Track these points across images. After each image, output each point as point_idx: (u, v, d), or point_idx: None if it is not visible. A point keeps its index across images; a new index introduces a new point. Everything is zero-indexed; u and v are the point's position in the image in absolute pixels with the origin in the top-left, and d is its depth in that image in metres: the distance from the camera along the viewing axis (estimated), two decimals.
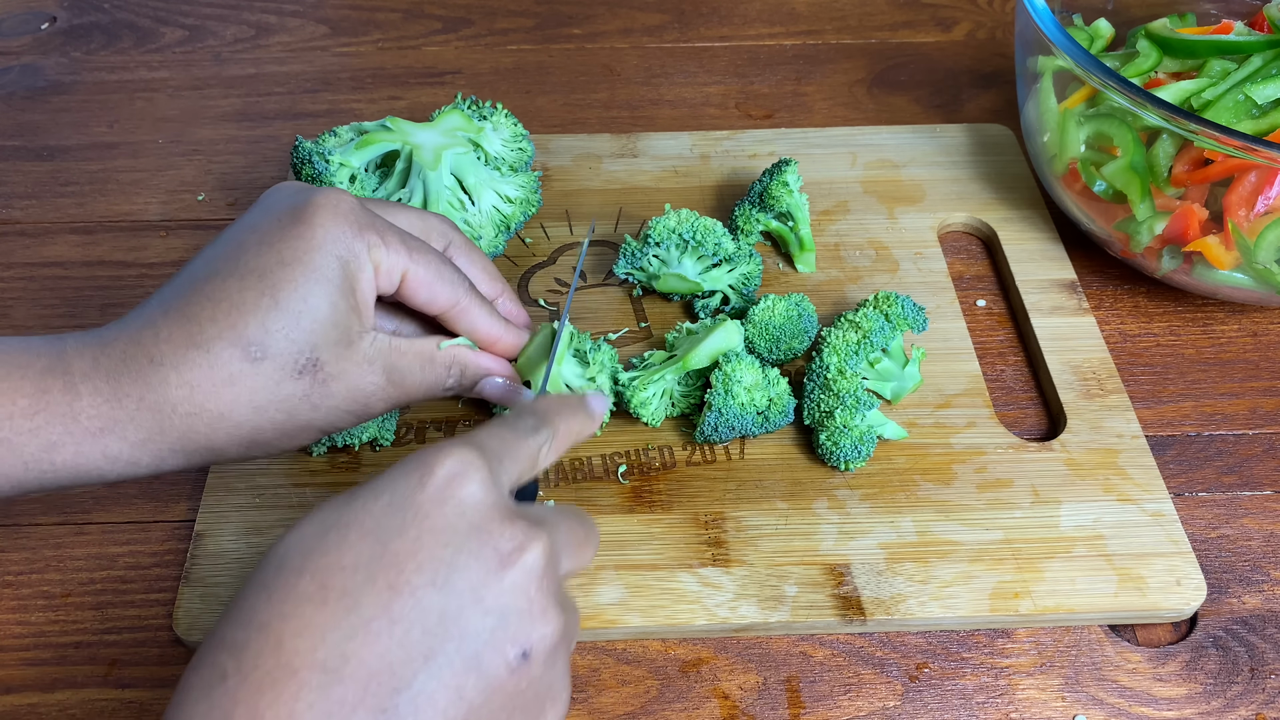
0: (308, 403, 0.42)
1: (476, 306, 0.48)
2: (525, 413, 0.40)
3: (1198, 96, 0.61)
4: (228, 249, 0.42)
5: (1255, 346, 0.62)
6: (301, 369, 0.41)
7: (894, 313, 0.56)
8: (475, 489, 0.34)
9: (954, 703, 0.47)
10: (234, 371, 0.40)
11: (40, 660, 0.48)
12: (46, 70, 0.82)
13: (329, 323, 0.41)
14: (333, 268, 0.42)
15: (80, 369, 0.39)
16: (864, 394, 0.53)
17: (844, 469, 0.54)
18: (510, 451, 0.37)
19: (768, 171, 0.64)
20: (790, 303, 0.57)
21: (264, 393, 0.41)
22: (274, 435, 0.42)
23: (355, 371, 0.43)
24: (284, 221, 0.42)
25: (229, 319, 0.40)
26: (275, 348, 0.40)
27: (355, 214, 0.43)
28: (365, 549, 0.33)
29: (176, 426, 0.40)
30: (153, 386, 0.39)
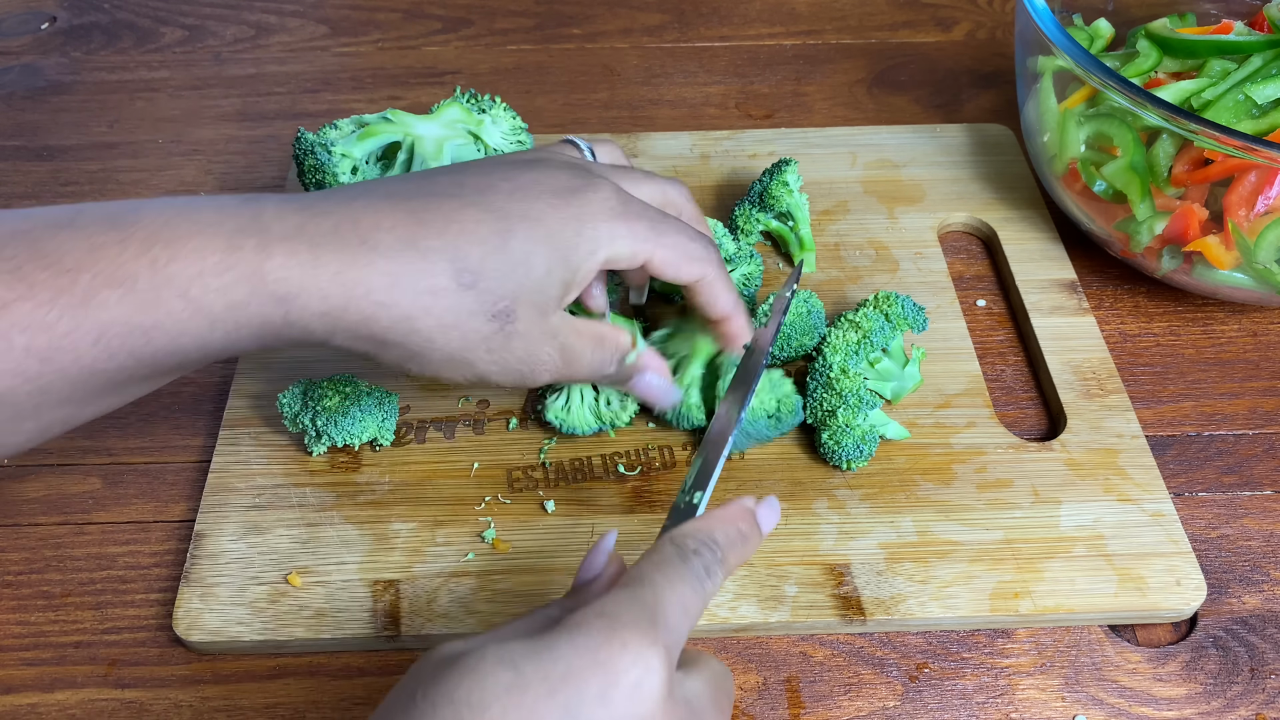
0: (486, 345, 0.42)
1: (721, 282, 0.48)
2: (702, 544, 0.37)
3: (1198, 96, 0.61)
4: (479, 180, 0.43)
5: (1255, 346, 0.62)
6: (496, 314, 0.41)
7: (894, 313, 0.56)
8: (655, 707, 0.32)
9: (954, 703, 0.47)
10: (440, 285, 0.40)
11: (40, 660, 0.48)
12: (46, 70, 0.82)
13: (538, 285, 0.42)
14: (569, 242, 0.42)
15: (279, 231, 0.39)
16: (867, 393, 0.53)
17: (846, 468, 0.54)
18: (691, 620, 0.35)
19: (768, 171, 0.64)
20: (798, 300, 0.57)
21: (454, 317, 0.41)
22: (440, 358, 0.42)
23: (539, 338, 0.43)
24: (545, 189, 0.43)
25: (456, 240, 0.40)
26: (484, 283, 0.41)
27: (613, 203, 0.44)
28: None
29: (362, 310, 0.40)
30: (357, 264, 0.39)
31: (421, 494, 0.53)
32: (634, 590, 0.34)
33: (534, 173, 0.44)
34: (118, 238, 0.37)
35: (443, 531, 0.52)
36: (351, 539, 0.51)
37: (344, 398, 0.52)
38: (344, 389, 0.53)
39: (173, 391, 0.59)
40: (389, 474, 0.54)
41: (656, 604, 0.34)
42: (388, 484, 0.54)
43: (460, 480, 0.54)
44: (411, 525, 0.52)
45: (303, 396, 0.53)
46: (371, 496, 0.53)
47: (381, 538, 0.51)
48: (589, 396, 0.54)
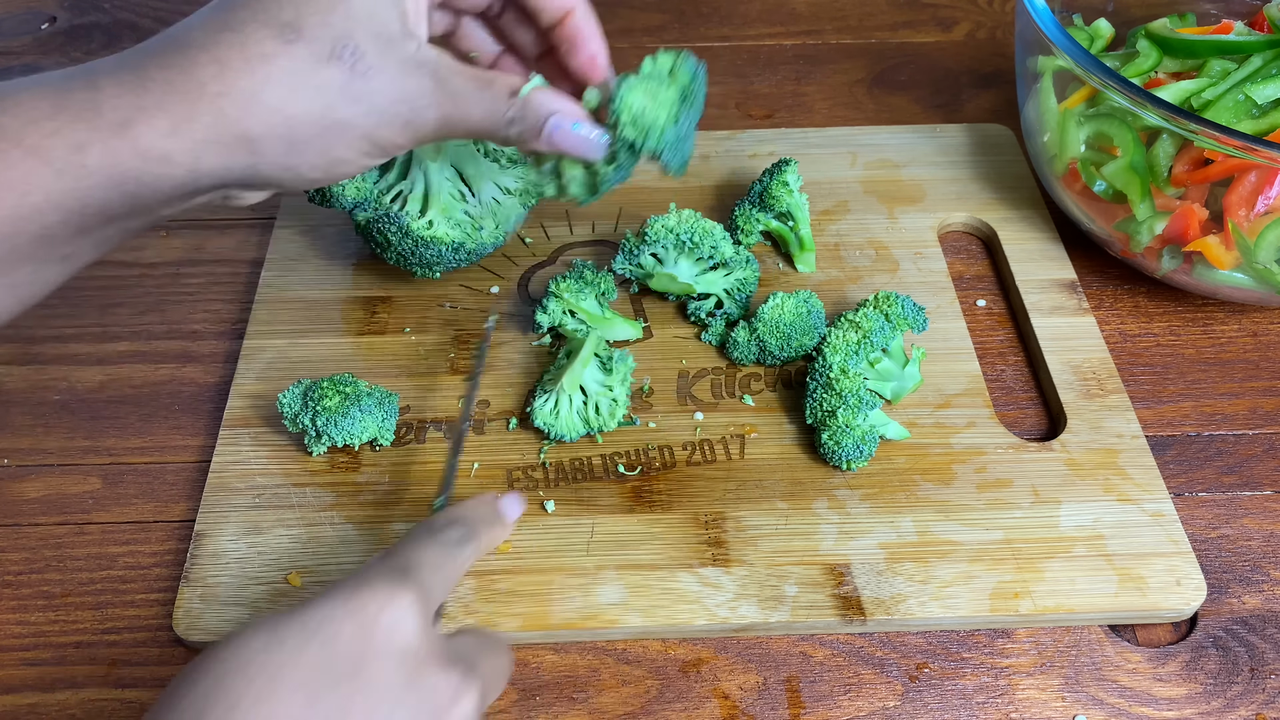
0: (347, 95, 0.39)
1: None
2: (453, 521, 0.41)
3: (1198, 96, 0.61)
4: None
5: (1255, 346, 0.62)
6: (337, 54, 0.39)
7: (894, 313, 0.56)
8: (411, 637, 0.35)
9: (954, 703, 0.47)
10: (266, 50, 0.38)
11: (40, 660, 0.48)
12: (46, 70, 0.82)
13: (366, 14, 0.39)
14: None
15: (104, 67, 0.38)
16: (867, 394, 0.53)
17: (846, 468, 0.54)
18: (442, 577, 0.38)
19: (768, 171, 0.64)
20: (799, 300, 0.57)
21: (297, 75, 0.38)
22: (312, 130, 0.39)
23: (399, 71, 0.40)
24: None
25: (262, 3, 0.38)
26: (309, 31, 0.38)
27: None
28: (295, 704, 0.32)
29: (206, 110, 0.38)
30: (179, 68, 0.38)
31: (421, 494, 0.53)
32: (384, 559, 0.38)
33: None
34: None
35: None
36: (351, 539, 0.51)
37: (344, 398, 0.52)
38: (344, 389, 0.53)
39: (173, 392, 0.59)
40: (389, 474, 0.54)
41: (405, 562, 0.37)
42: (387, 484, 0.54)
43: (460, 480, 0.54)
44: (411, 525, 0.52)
45: (303, 397, 0.53)
46: (371, 496, 0.53)
47: (381, 538, 0.51)
48: (577, 401, 0.55)
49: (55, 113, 0.37)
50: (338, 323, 0.61)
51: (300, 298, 0.63)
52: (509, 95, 0.42)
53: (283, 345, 0.60)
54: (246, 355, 0.59)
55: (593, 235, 0.67)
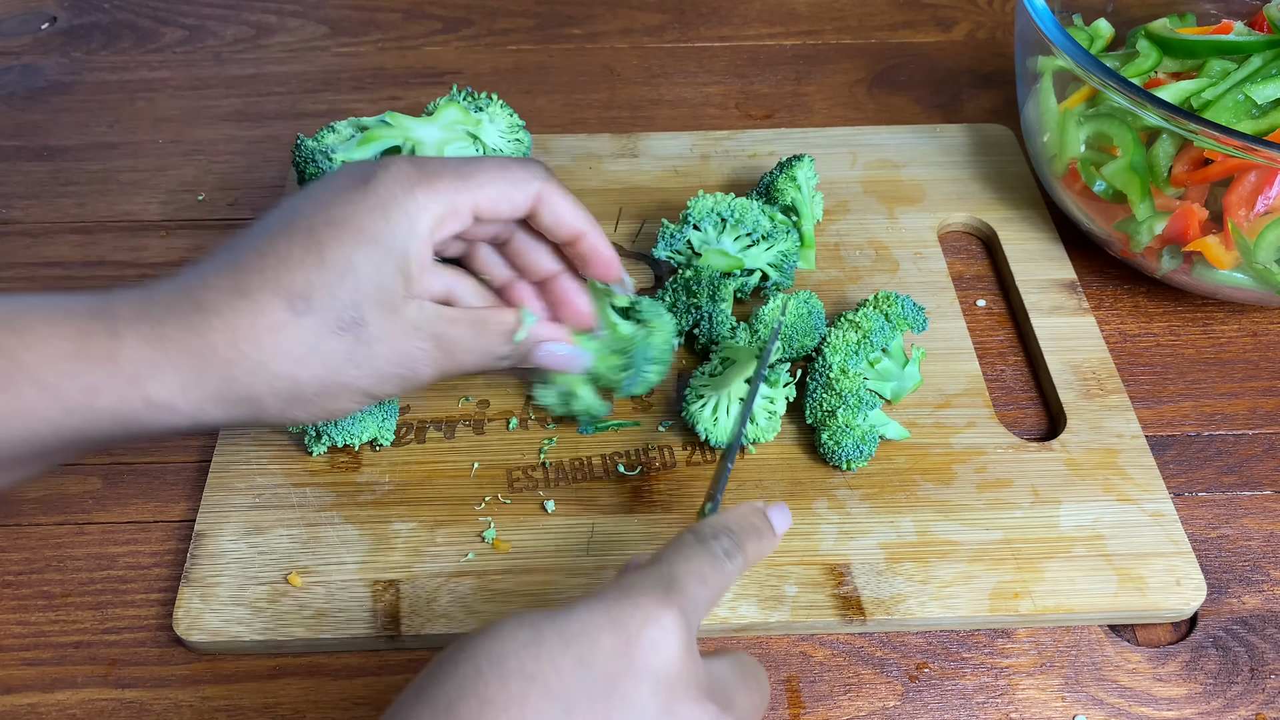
0: (351, 361, 0.41)
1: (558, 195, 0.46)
2: (719, 531, 0.38)
3: (1198, 96, 0.61)
4: (283, 212, 0.42)
5: (1255, 346, 0.62)
6: (344, 326, 0.41)
7: (894, 313, 0.56)
8: (671, 660, 0.33)
9: (954, 703, 0.47)
10: (277, 320, 0.40)
11: (40, 660, 0.48)
12: (46, 70, 0.82)
13: (372, 284, 0.41)
14: (380, 230, 0.41)
15: (124, 314, 0.40)
16: (866, 393, 0.53)
17: (846, 468, 0.54)
18: (708, 591, 0.36)
19: (780, 165, 0.64)
20: (799, 300, 0.57)
21: (305, 345, 0.40)
22: (315, 391, 0.41)
23: (400, 336, 0.42)
24: (342, 187, 0.42)
25: (274, 271, 0.40)
26: (318, 302, 0.40)
27: (408, 173, 0.42)
28: (548, 713, 0.31)
29: (217, 372, 0.40)
30: (195, 330, 0.39)
31: (421, 494, 0.53)
32: (649, 568, 0.36)
33: (329, 181, 0.43)
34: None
35: (443, 531, 0.52)
36: (351, 539, 0.51)
37: None
38: None
39: None
40: (389, 474, 0.54)
41: (671, 575, 0.35)
42: (388, 484, 0.54)
43: (460, 480, 0.54)
44: (411, 525, 0.52)
45: None
46: (371, 496, 0.53)
47: (381, 538, 0.51)
48: (735, 409, 0.53)
49: (74, 356, 0.39)
50: None
51: None
52: (501, 337, 0.45)
53: None
54: None
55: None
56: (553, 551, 0.51)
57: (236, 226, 0.69)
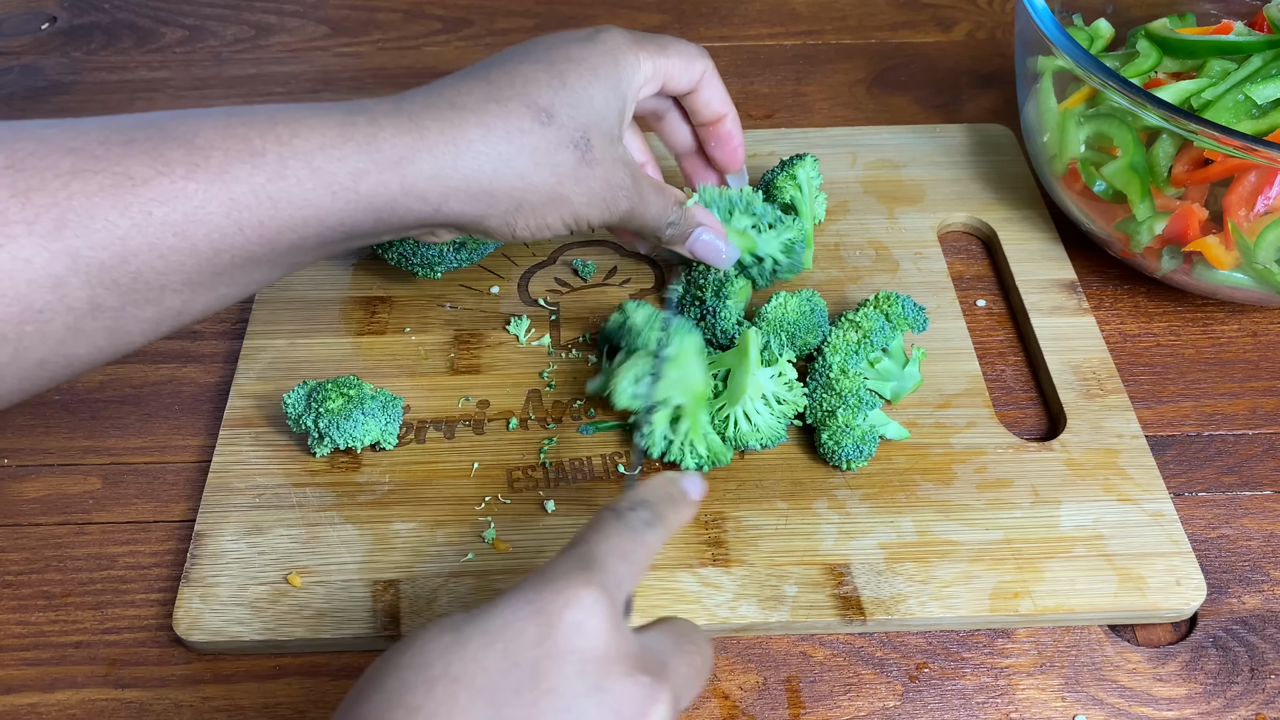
0: (575, 175, 0.47)
1: (718, 79, 0.55)
2: (636, 504, 0.39)
3: (1198, 96, 0.61)
4: (519, 50, 0.48)
5: (1255, 346, 0.62)
6: (576, 142, 0.46)
7: (894, 313, 0.56)
8: (596, 639, 0.33)
9: (954, 703, 0.47)
10: (525, 126, 0.45)
11: (40, 660, 0.48)
12: (46, 70, 0.82)
13: (601, 114, 0.47)
14: (610, 72, 0.48)
15: (382, 110, 0.44)
16: (866, 393, 0.53)
17: (846, 468, 0.54)
18: (630, 565, 0.37)
19: (783, 162, 0.64)
20: (801, 298, 0.57)
21: (544, 151, 0.45)
22: (540, 198, 0.46)
23: (613, 163, 0.48)
24: (571, 40, 0.49)
25: (526, 88, 0.46)
26: (560, 118, 0.46)
27: (628, 37, 0.51)
28: (477, 712, 0.31)
29: (468, 164, 0.44)
30: (454, 124, 0.44)
31: (421, 494, 0.53)
32: (568, 550, 0.37)
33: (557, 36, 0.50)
34: (243, 120, 0.41)
35: (443, 531, 0.52)
36: (351, 539, 0.51)
37: (347, 400, 0.52)
38: (348, 392, 0.53)
39: (173, 392, 0.59)
40: (389, 474, 0.54)
41: (590, 554, 0.36)
42: (388, 484, 0.54)
43: (460, 480, 0.54)
44: (411, 525, 0.52)
45: (307, 398, 0.53)
46: (371, 497, 0.53)
47: (381, 538, 0.51)
48: (759, 404, 0.54)
49: (341, 141, 0.42)
50: (338, 323, 0.61)
51: (300, 297, 0.63)
52: (675, 203, 0.53)
53: (283, 345, 0.60)
54: (247, 355, 0.59)
55: (593, 235, 0.67)
56: (553, 551, 0.51)
57: None
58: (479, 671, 0.32)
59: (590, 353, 0.60)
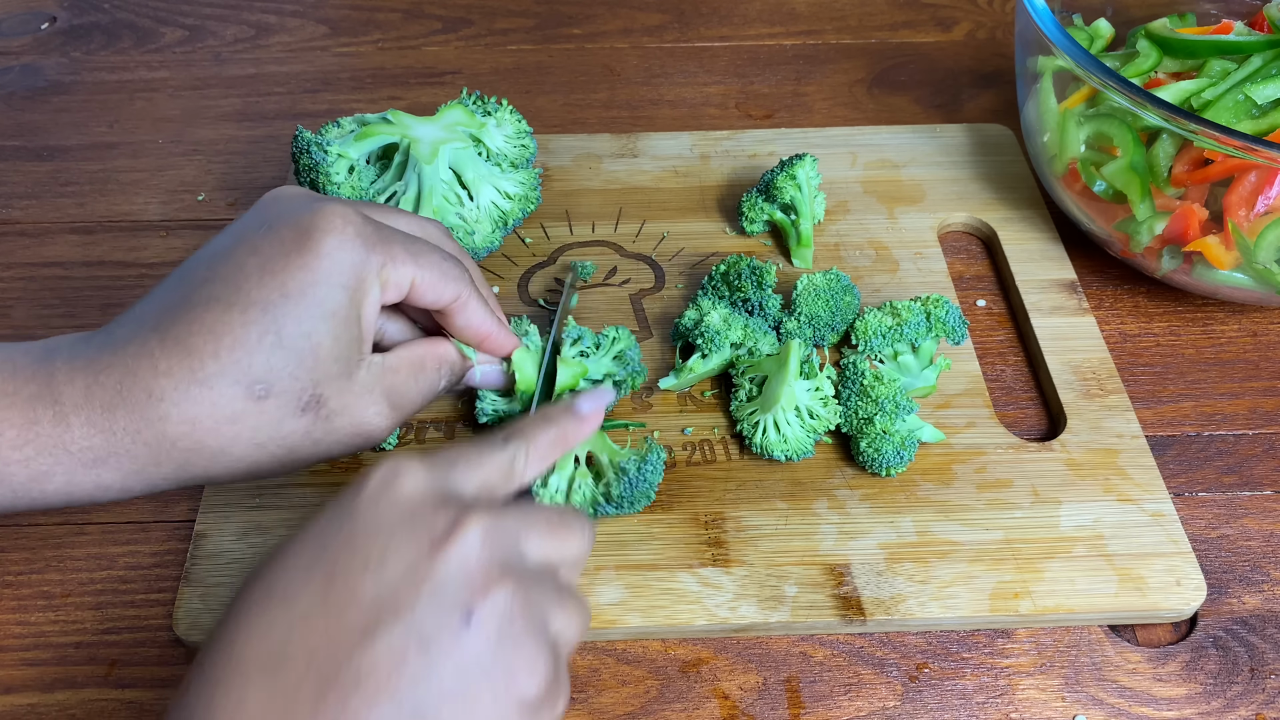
0: (309, 439, 0.41)
1: (476, 301, 0.47)
2: (497, 432, 0.41)
3: (1198, 96, 0.61)
4: (227, 270, 0.40)
5: (1255, 346, 0.62)
6: (305, 406, 0.40)
7: (936, 314, 0.55)
8: (408, 483, 0.36)
9: (954, 703, 0.47)
10: (237, 410, 0.39)
11: (40, 660, 0.48)
12: (46, 70, 0.82)
13: (331, 357, 0.41)
14: (338, 299, 0.41)
15: (71, 399, 0.38)
16: (903, 398, 0.53)
17: (885, 475, 0.53)
18: (466, 459, 0.38)
19: (782, 163, 0.64)
20: (823, 274, 0.58)
21: (266, 430, 0.40)
22: (271, 467, 0.42)
23: (357, 403, 0.42)
24: (287, 246, 0.40)
25: (232, 355, 0.39)
26: (279, 386, 0.40)
27: (361, 235, 0.41)
28: (306, 553, 0.34)
29: (174, 459, 0.39)
30: (150, 422, 0.38)
31: None
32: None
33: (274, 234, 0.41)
34: None
35: None
36: None
37: None
38: None
39: None
40: None
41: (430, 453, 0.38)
42: None
43: None
44: None
45: None
46: None
47: None
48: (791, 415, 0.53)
49: (22, 442, 0.38)
50: None
51: None
52: (439, 372, 0.47)
53: None
54: None
55: (592, 235, 0.67)
56: None
57: None
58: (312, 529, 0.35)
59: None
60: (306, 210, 0.41)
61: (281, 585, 0.34)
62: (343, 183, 0.59)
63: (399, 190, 0.61)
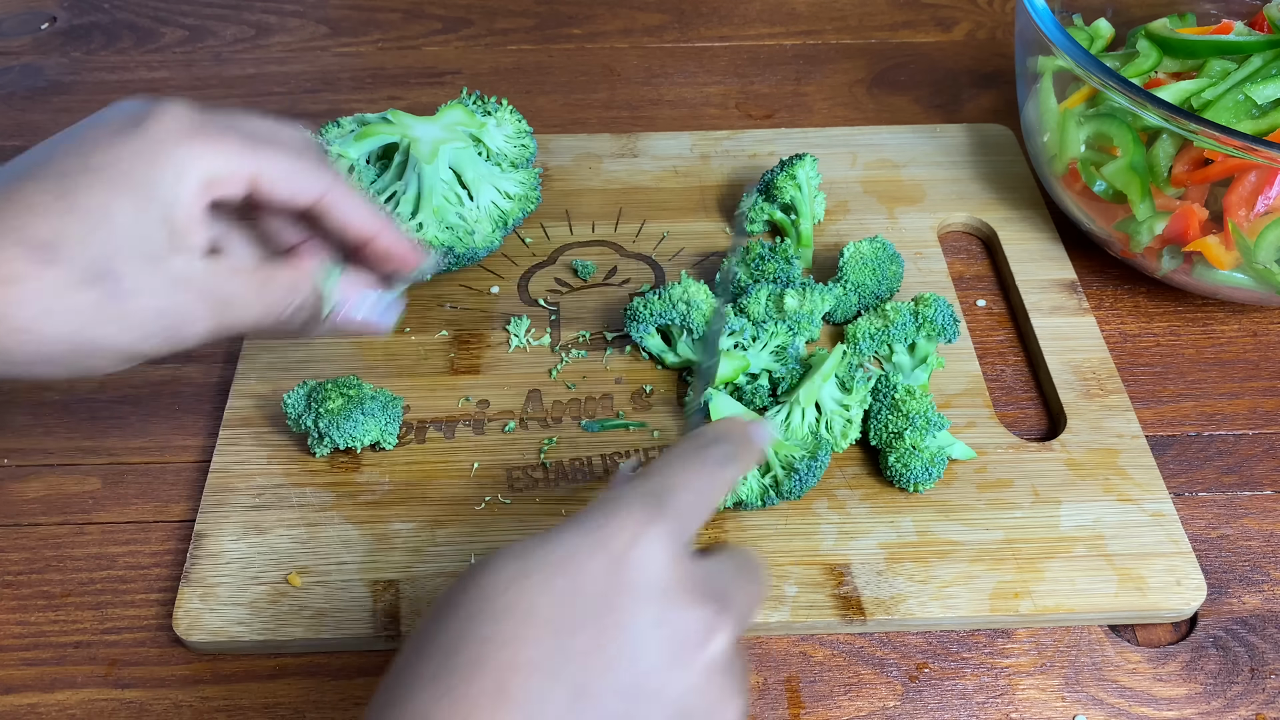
0: (103, 315, 0.39)
1: (349, 196, 0.44)
2: (719, 437, 0.38)
3: (1198, 96, 0.61)
4: (42, 151, 0.40)
5: (1255, 346, 0.62)
6: (94, 277, 0.38)
7: (925, 313, 0.55)
8: (661, 572, 0.33)
9: (954, 703, 0.47)
10: (19, 271, 0.37)
11: (40, 660, 0.48)
12: (46, 70, 0.82)
13: (131, 235, 0.38)
14: (142, 176, 0.39)
15: None
16: (934, 414, 0.52)
17: (914, 491, 0.53)
18: (703, 501, 0.36)
19: (782, 163, 0.64)
20: (869, 241, 0.60)
21: (51, 297, 0.38)
22: (64, 348, 0.39)
23: (164, 291, 0.40)
24: (110, 130, 0.39)
25: (19, 219, 0.37)
26: (66, 251, 0.37)
27: (188, 123, 0.40)
28: (546, 644, 0.31)
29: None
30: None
31: (421, 494, 0.53)
32: (641, 481, 0.35)
33: (97, 121, 0.40)
34: None
35: (443, 531, 0.52)
36: (351, 539, 0.51)
37: (347, 401, 0.52)
38: (348, 392, 0.53)
39: (173, 391, 0.59)
40: (389, 474, 0.54)
41: (663, 489, 0.35)
42: (388, 484, 0.54)
43: (460, 480, 0.54)
44: (411, 525, 0.52)
45: (307, 398, 0.53)
46: (371, 497, 0.53)
47: (381, 538, 0.51)
48: (810, 415, 0.53)
49: None
50: None
51: None
52: (287, 294, 0.43)
53: (283, 345, 0.60)
54: (246, 355, 0.59)
55: (592, 235, 0.67)
56: None
57: None
58: (545, 604, 0.32)
59: (590, 349, 0.60)
60: (138, 106, 0.41)
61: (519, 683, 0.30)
62: None
63: (399, 190, 0.61)
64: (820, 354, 0.55)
